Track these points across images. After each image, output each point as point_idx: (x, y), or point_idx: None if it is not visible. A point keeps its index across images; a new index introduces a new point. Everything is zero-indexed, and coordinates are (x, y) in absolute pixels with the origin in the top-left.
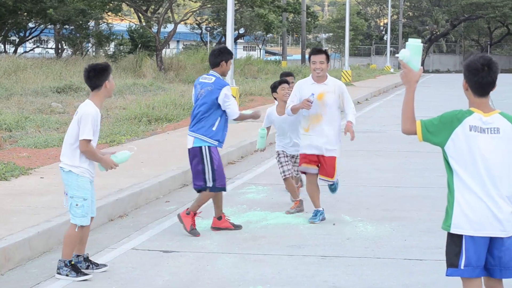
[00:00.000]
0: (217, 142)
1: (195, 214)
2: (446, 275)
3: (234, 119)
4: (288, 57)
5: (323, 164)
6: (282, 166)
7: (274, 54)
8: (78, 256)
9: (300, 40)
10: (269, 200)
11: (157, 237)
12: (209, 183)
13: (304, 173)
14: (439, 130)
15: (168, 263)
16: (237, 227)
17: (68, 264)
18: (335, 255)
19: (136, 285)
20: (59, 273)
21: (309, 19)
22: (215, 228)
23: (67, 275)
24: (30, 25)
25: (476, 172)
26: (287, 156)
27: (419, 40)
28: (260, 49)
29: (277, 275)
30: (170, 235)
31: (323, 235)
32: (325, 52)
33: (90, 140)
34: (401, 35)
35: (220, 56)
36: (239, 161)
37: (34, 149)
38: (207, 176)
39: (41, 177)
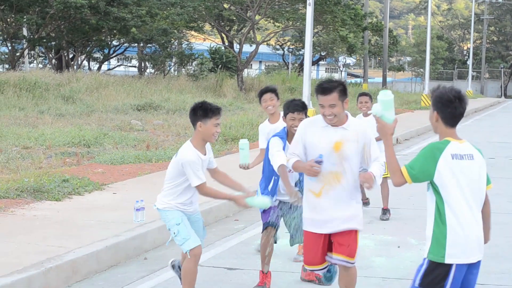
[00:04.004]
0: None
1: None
2: None
3: None
4: (369, 80)
5: (338, 238)
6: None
7: (356, 76)
8: None
9: (382, 62)
10: None
11: (222, 255)
12: None
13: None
14: (424, 166)
15: (231, 280)
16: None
17: None
18: (396, 277)
19: None
20: None
21: (391, 42)
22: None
23: None
24: (114, 43)
25: (464, 198)
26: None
27: (390, 92)
28: (341, 71)
29: None
30: (236, 253)
31: (386, 257)
32: (339, 88)
33: (203, 183)
34: (484, 59)
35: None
36: None
37: (109, 165)
38: None
39: (113, 193)
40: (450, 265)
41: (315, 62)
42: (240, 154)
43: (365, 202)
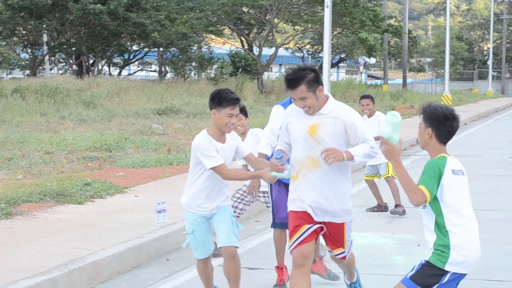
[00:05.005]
0: None
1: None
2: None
3: None
4: (389, 81)
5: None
6: (235, 201)
7: (376, 78)
8: None
9: (402, 64)
10: (358, 221)
11: (244, 255)
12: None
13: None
14: (434, 183)
15: (252, 280)
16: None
17: None
18: None
19: None
20: None
21: (411, 43)
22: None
23: None
24: (134, 47)
25: (465, 210)
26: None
27: (398, 114)
28: (361, 73)
29: None
30: (257, 253)
31: (406, 256)
32: (307, 79)
33: (220, 165)
34: (505, 59)
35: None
36: None
37: (131, 169)
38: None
39: (135, 196)
40: (447, 271)
41: (335, 64)
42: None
43: (383, 205)
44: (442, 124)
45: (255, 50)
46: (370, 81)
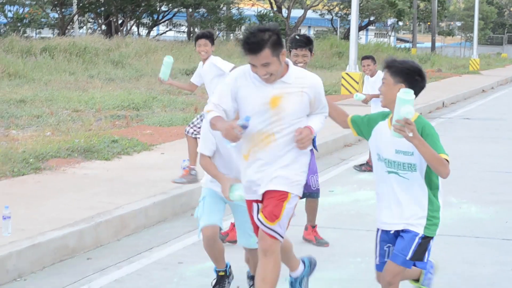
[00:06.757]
0: None
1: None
2: (419, 267)
3: None
4: (418, 45)
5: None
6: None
7: (405, 41)
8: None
9: (431, 27)
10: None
11: None
12: None
13: None
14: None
15: None
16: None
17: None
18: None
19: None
20: None
21: (440, 7)
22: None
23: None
24: (163, 8)
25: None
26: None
27: (411, 91)
28: (390, 36)
29: None
30: None
31: None
32: (270, 41)
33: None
34: None
35: None
36: (355, 144)
37: (158, 127)
38: None
39: (161, 153)
40: (432, 238)
41: (363, 27)
42: (162, 69)
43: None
44: (416, 80)
45: (284, 12)
46: (399, 44)
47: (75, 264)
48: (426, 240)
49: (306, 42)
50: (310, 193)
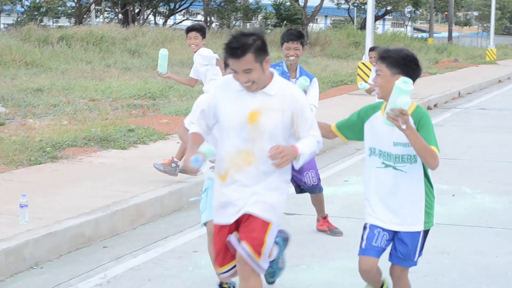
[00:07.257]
0: None
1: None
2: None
3: None
4: (435, 34)
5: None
6: None
7: (422, 31)
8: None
9: (448, 17)
10: None
11: None
12: None
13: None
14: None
15: (289, 224)
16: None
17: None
18: (449, 223)
19: None
20: None
21: None
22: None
23: None
24: None
25: None
26: None
27: (411, 81)
28: (407, 26)
29: None
30: (295, 199)
31: (440, 205)
32: (254, 46)
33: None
34: None
35: None
36: None
37: (174, 117)
38: None
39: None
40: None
41: (380, 17)
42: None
43: None
44: (413, 69)
45: (301, 1)
46: (416, 33)
47: (91, 253)
48: (427, 232)
49: (297, 36)
50: (307, 189)
